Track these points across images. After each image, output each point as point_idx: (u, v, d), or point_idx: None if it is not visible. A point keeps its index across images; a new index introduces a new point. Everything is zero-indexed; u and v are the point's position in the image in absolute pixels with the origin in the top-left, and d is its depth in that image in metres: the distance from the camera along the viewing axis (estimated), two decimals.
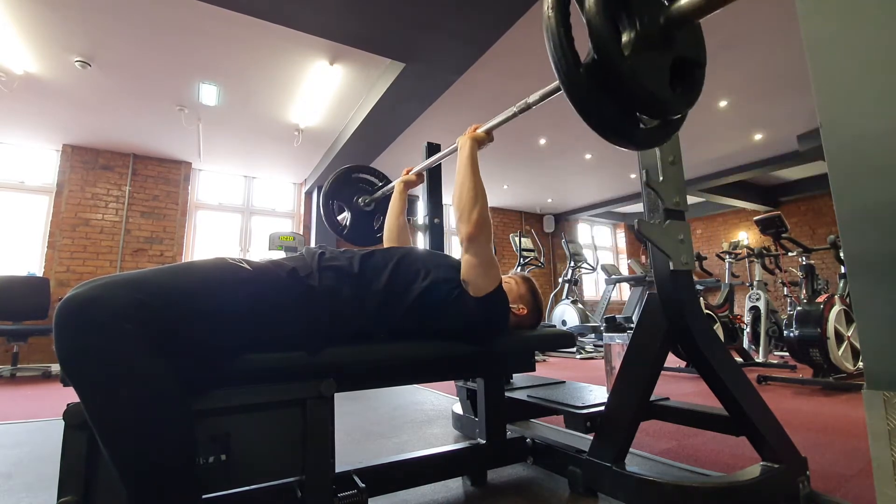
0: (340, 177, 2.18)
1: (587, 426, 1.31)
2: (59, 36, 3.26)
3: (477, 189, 1.19)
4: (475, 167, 1.23)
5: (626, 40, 0.73)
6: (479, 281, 1.13)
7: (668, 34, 0.76)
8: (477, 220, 1.14)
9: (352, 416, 2.30)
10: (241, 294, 0.91)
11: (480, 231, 1.14)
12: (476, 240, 1.13)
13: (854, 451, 1.59)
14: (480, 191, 1.19)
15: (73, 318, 0.70)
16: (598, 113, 0.77)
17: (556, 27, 0.74)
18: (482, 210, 1.16)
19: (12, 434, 2.04)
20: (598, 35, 0.70)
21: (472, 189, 1.18)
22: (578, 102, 0.75)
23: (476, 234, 1.13)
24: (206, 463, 0.81)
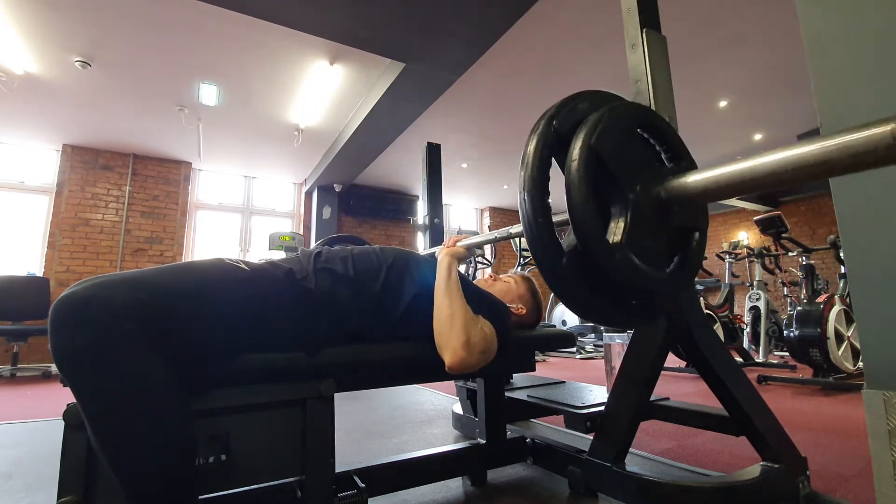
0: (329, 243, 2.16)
1: (587, 426, 1.31)
2: (60, 36, 3.26)
3: (453, 313, 1.07)
4: (453, 286, 1.12)
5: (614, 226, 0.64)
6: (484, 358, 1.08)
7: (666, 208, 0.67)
8: (455, 349, 1.02)
9: (352, 416, 2.30)
10: (238, 295, 0.91)
11: (462, 361, 1.02)
12: (458, 369, 1.04)
13: (854, 451, 1.59)
14: (458, 312, 1.06)
15: (69, 316, 0.69)
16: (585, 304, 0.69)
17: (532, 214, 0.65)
18: (460, 336, 1.03)
19: (12, 434, 2.04)
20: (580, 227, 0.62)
21: (447, 311, 1.07)
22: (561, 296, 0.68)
23: (457, 365, 1.02)
24: (206, 463, 0.81)
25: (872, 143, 0.46)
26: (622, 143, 0.66)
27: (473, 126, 5.06)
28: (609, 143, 0.64)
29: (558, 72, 3.96)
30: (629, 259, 0.63)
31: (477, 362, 1.06)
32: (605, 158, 0.64)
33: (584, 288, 0.67)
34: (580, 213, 0.62)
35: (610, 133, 0.65)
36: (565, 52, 3.68)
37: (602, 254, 0.62)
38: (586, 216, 0.62)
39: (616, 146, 0.65)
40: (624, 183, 0.64)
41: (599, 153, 0.64)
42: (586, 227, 0.62)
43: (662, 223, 0.68)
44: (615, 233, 0.63)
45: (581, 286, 0.66)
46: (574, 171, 0.63)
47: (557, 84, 4.14)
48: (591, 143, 0.63)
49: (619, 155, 0.65)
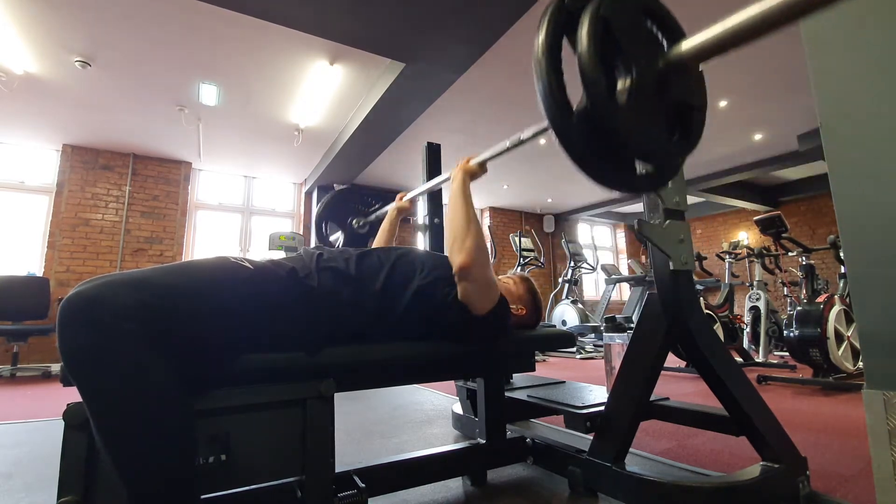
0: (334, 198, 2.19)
1: (587, 426, 1.31)
2: (60, 36, 3.26)
3: (469, 219, 1.15)
4: (467, 199, 1.20)
5: (621, 87, 0.69)
6: (477, 304, 1.12)
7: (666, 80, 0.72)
8: (470, 250, 1.09)
9: (352, 415, 2.30)
10: (241, 294, 0.91)
11: (474, 261, 1.09)
12: (470, 270, 1.09)
13: (854, 450, 1.59)
14: (473, 221, 1.15)
15: (75, 316, 0.70)
16: (592, 161, 0.74)
17: (546, 73, 0.72)
18: (475, 239, 1.11)
19: (12, 434, 2.04)
20: (590, 83, 0.67)
21: (463, 219, 1.15)
22: (571, 150, 0.73)
23: (469, 264, 1.09)
24: (207, 463, 0.81)
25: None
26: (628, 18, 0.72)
27: (473, 126, 5.06)
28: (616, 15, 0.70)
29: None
30: (634, 117, 0.68)
31: (483, 274, 1.10)
32: (612, 28, 0.70)
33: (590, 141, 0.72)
34: (590, 72, 0.67)
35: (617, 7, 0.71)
36: (565, 52, 3.68)
37: (610, 110, 0.67)
38: (596, 75, 0.67)
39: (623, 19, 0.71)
40: (629, 53, 0.70)
41: (608, 22, 0.69)
42: (596, 84, 0.67)
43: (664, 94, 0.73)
44: (621, 95, 0.69)
45: (588, 138, 0.72)
46: (584, 35, 0.68)
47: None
48: (601, 12, 0.69)
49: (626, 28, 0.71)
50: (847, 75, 1.06)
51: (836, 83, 1.08)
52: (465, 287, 1.10)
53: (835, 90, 1.08)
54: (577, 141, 0.72)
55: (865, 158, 1.03)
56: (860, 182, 1.04)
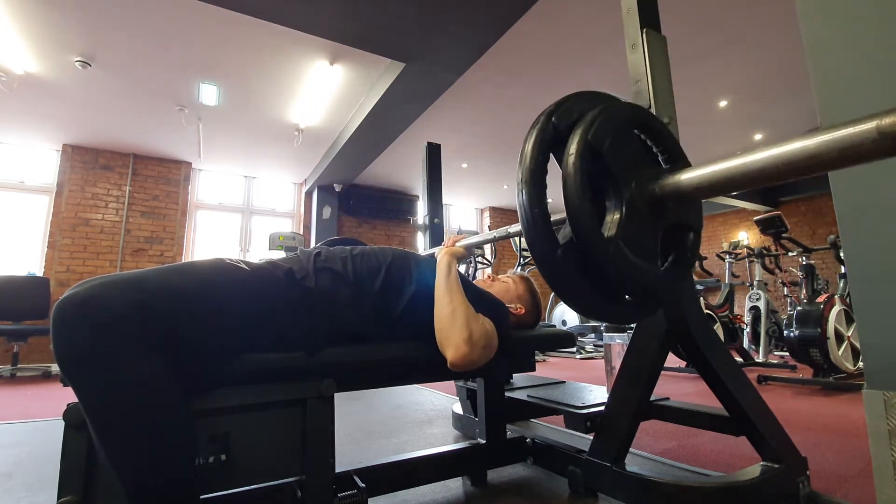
0: None
1: (587, 426, 1.31)
2: (60, 36, 3.26)
3: (453, 309, 1.07)
4: (452, 283, 1.12)
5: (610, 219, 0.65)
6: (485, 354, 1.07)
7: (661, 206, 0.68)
8: (458, 345, 1.02)
9: (352, 416, 2.30)
10: (238, 295, 0.91)
11: (464, 355, 1.02)
12: (461, 366, 1.03)
13: (854, 450, 1.59)
14: (458, 308, 1.07)
15: (71, 317, 0.69)
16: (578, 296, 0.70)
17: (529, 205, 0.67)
18: (462, 331, 1.03)
19: (12, 434, 2.04)
20: (575, 219, 0.63)
21: (447, 309, 1.07)
22: (555, 287, 0.69)
23: (459, 362, 1.02)
24: (207, 463, 0.81)
25: (858, 139, 0.46)
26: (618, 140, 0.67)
27: (473, 126, 5.06)
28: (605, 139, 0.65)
29: (558, 72, 3.96)
30: (622, 251, 0.64)
31: (479, 358, 1.05)
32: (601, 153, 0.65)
33: (578, 279, 0.67)
34: (576, 205, 0.63)
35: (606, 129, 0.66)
36: (565, 53, 3.68)
37: (596, 245, 0.63)
38: (582, 207, 0.63)
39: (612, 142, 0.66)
40: (620, 179, 0.65)
41: (596, 148, 0.65)
42: (581, 218, 0.63)
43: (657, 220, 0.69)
44: (610, 226, 0.64)
45: (575, 277, 0.67)
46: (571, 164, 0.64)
47: (557, 84, 4.14)
48: (588, 138, 0.64)
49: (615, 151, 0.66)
50: (847, 75, 1.06)
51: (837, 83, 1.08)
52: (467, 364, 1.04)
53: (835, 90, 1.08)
54: (562, 278, 0.67)
55: None
56: (860, 182, 1.04)
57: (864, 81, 1.03)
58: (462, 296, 1.11)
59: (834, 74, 1.09)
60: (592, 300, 0.69)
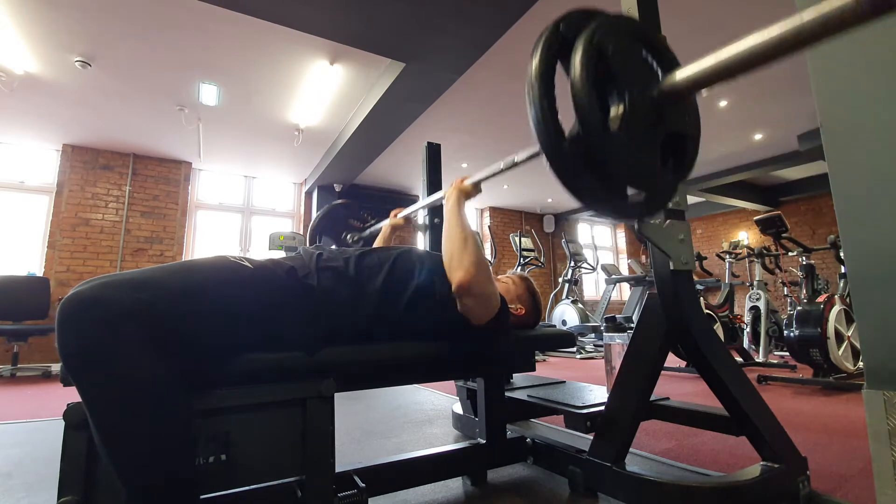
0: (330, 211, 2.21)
1: (587, 426, 1.31)
2: (60, 36, 3.26)
3: (464, 238, 1.12)
4: (461, 217, 1.19)
5: (614, 114, 0.68)
6: (477, 316, 1.10)
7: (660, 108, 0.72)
8: (468, 267, 1.07)
9: (352, 415, 2.30)
10: (240, 293, 0.91)
11: (472, 277, 1.06)
12: (468, 287, 1.06)
13: (854, 450, 1.59)
14: (468, 239, 1.12)
15: (75, 316, 0.70)
16: (584, 187, 0.74)
17: (539, 98, 0.71)
18: (472, 256, 1.08)
19: (12, 434, 2.04)
20: (582, 110, 0.67)
21: (459, 237, 1.12)
22: (562, 176, 0.73)
23: (467, 282, 1.05)
24: (207, 463, 0.81)
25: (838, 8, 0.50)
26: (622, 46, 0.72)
27: (474, 126, 5.06)
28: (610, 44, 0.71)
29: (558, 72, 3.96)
30: (626, 144, 0.68)
31: (483, 290, 1.08)
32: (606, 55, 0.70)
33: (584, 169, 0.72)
34: (582, 98, 0.67)
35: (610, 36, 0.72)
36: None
37: (600, 136, 0.67)
38: (588, 101, 0.67)
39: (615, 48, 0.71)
40: (622, 81, 0.70)
41: (602, 50, 0.70)
42: (587, 110, 0.67)
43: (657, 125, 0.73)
44: (613, 121, 0.69)
45: (580, 167, 0.72)
46: (577, 62, 0.69)
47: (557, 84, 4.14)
48: (594, 41, 0.70)
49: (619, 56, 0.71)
50: (847, 75, 1.06)
51: (837, 82, 1.08)
52: (465, 303, 1.09)
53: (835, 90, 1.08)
54: (569, 167, 0.72)
55: (866, 158, 1.03)
56: (860, 182, 1.04)
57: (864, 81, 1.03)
58: (471, 229, 1.16)
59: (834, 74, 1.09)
60: (596, 190, 0.74)
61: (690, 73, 0.68)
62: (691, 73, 0.68)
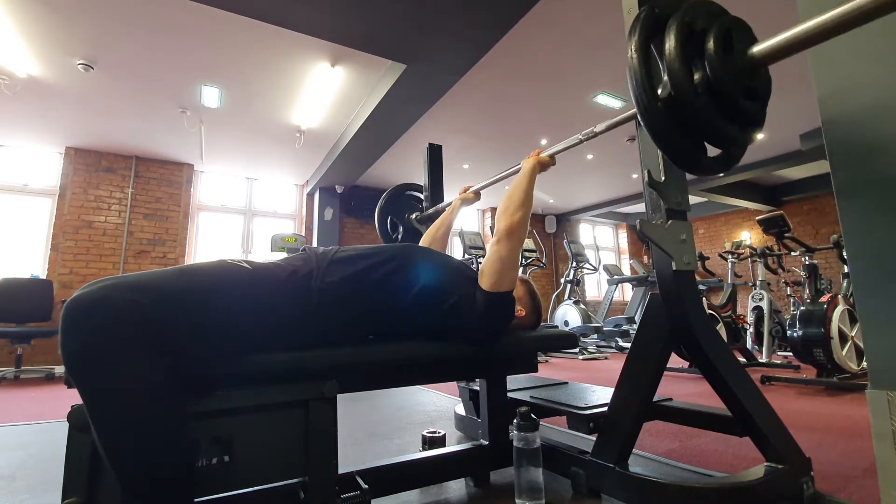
0: (395, 193, 2.26)
1: (590, 427, 1.31)
2: (62, 39, 3.28)
3: (526, 198, 1.26)
4: (531, 182, 1.31)
5: (699, 79, 0.80)
6: (495, 277, 1.15)
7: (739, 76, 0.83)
8: (519, 219, 1.20)
9: (354, 417, 2.30)
10: (240, 295, 0.91)
11: (517, 229, 1.19)
12: (511, 236, 1.18)
13: (858, 451, 1.58)
14: (528, 201, 1.26)
15: (78, 318, 0.71)
16: (672, 142, 0.86)
17: (638, 67, 0.84)
18: (526, 213, 1.23)
19: (16, 436, 2.04)
20: (674, 77, 0.79)
21: (522, 195, 1.26)
22: (655, 132, 0.85)
23: (513, 230, 1.18)
24: (209, 464, 0.81)
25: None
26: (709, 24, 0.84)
27: (475, 127, 5.06)
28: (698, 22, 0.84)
29: (559, 73, 3.96)
30: (709, 105, 0.81)
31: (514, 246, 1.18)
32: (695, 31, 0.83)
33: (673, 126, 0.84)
34: (675, 64, 0.79)
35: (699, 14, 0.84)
36: (566, 54, 3.68)
37: (690, 99, 0.79)
38: (680, 66, 0.79)
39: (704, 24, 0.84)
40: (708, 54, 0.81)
41: (692, 27, 0.82)
42: (679, 76, 0.79)
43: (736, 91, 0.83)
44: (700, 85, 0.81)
45: (670, 124, 0.84)
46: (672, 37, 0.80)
47: (558, 85, 4.15)
48: (686, 19, 0.82)
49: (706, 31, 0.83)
50: (849, 74, 1.06)
51: (839, 82, 1.08)
52: (495, 253, 1.16)
53: (837, 89, 1.08)
54: (660, 124, 0.84)
55: (868, 157, 1.03)
56: (863, 181, 1.03)
57: (865, 81, 1.03)
58: (532, 198, 1.29)
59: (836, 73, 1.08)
60: (683, 146, 0.87)
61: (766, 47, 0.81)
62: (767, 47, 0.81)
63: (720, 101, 0.82)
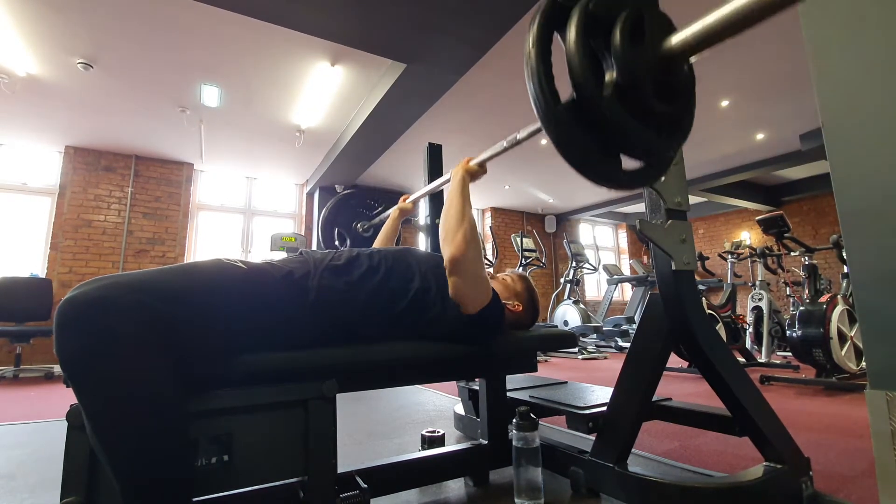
0: (338, 202, 2.24)
1: (589, 427, 1.31)
2: (62, 38, 3.27)
3: (463, 215, 1.15)
4: (464, 196, 1.21)
5: (609, 79, 0.69)
6: (468, 301, 1.12)
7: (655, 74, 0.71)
8: (460, 243, 1.09)
9: (354, 416, 2.30)
10: (236, 294, 0.91)
11: (464, 254, 1.09)
12: (459, 262, 1.09)
13: (857, 451, 1.58)
14: (467, 217, 1.15)
15: (72, 318, 0.70)
16: (578, 153, 0.73)
17: (535, 63, 0.72)
18: (467, 234, 1.11)
19: (15, 435, 2.04)
20: (576, 74, 0.68)
21: (458, 214, 1.15)
22: (557, 141, 0.72)
23: (459, 257, 1.08)
24: (209, 464, 0.81)
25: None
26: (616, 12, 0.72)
27: (475, 126, 5.06)
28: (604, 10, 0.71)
29: (559, 73, 3.96)
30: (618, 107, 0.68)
31: (473, 268, 1.10)
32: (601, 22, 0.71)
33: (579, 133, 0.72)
34: (576, 64, 0.68)
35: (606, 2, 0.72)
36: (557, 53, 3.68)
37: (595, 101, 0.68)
38: (582, 65, 0.68)
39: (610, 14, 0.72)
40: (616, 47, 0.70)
41: (596, 17, 0.71)
42: (581, 75, 0.68)
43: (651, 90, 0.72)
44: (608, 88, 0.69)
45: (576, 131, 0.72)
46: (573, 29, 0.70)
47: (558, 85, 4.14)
48: (590, 7, 0.71)
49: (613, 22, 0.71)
50: (849, 74, 1.06)
51: (838, 82, 1.08)
52: (455, 282, 1.10)
53: (837, 89, 1.08)
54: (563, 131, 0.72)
55: (868, 158, 1.03)
56: (863, 181, 1.03)
57: (865, 81, 1.03)
58: (471, 208, 1.19)
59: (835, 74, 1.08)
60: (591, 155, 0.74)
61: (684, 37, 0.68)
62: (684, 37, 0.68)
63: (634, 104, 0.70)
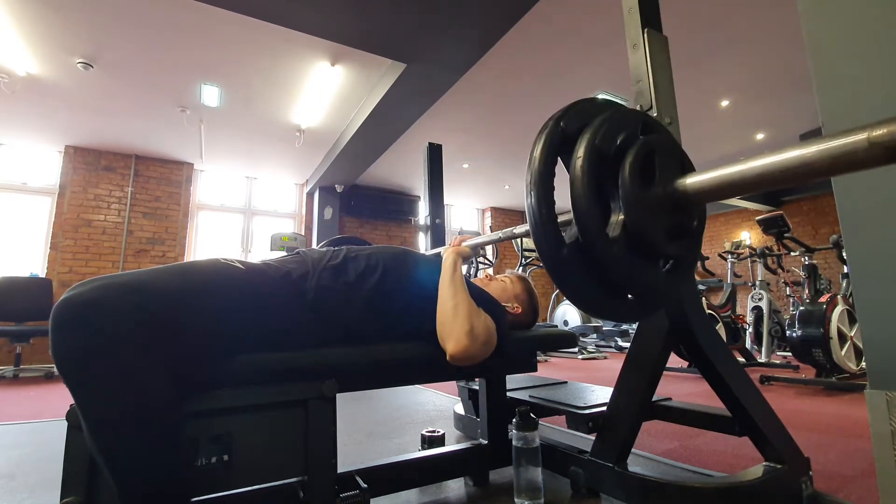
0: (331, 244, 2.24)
1: (589, 426, 1.31)
2: (62, 38, 3.27)
3: (456, 303, 1.10)
4: (456, 280, 1.17)
5: (616, 220, 0.66)
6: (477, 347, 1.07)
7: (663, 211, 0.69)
8: (459, 337, 1.05)
9: (354, 416, 2.30)
10: (234, 293, 0.91)
11: (465, 348, 1.04)
12: (460, 359, 1.06)
13: (857, 451, 1.59)
14: (461, 304, 1.10)
15: (68, 319, 0.69)
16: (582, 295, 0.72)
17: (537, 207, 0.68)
18: (464, 323, 1.06)
19: (15, 435, 2.04)
20: (582, 218, 0.65)
21: (451, 303, 1.11)
22: (560, 285, 0.70)
23: (459, 354, 1.05)
24: (209, 464, 0.81)
25: (851, 148, 0.48)
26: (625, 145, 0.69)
27: (475, 126, 5.06)
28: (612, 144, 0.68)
29: (559, 72, 3.96)
30: (625, 252, 0.66)
31: (478, 352, 1.07)
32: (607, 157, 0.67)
33: (583, 277, 0.69)
34: (582, 206, 0.65)
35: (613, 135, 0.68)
36: (566, 53, 3.68)
37: (600, 245, 0.65)
38: (588, 209, 0.65)
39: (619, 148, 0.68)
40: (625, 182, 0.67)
41: (603, 152, 0.67)
42: (587, 219, 0.65)
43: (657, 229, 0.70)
44: (614, 227, 0.66)
45: (580, 275, 0.69)
46: (578, 166, 0.66)
47: (558, 84, 4.14)
48: (596, 142, 0.67)
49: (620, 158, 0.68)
50: (849, 74, 1.06)
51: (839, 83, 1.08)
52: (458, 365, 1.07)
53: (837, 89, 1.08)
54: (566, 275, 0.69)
55: None
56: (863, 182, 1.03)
57: (866, 81, 1.03)
58: (465, 292, 1.13)
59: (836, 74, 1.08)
60: (596, 298, 0.72)
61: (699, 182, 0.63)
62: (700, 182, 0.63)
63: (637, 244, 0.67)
